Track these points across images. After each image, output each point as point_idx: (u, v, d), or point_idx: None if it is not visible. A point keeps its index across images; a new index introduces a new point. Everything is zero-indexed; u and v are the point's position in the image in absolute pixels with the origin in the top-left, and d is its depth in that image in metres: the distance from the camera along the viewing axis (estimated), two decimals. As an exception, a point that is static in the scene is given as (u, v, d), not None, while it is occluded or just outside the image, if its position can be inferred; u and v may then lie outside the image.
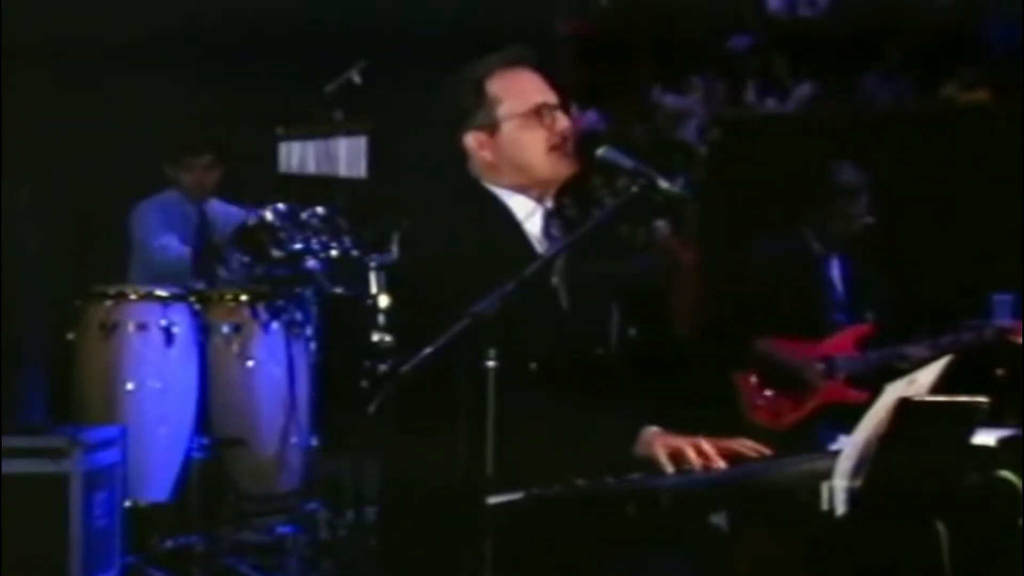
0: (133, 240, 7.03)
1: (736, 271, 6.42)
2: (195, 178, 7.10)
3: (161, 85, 7.59)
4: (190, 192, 7.11)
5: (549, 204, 3.54)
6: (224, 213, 7.05)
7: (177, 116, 7.51)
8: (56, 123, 7.34)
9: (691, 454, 3.16)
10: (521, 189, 3.51)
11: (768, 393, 6.02)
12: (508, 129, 3.48)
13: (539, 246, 3.48)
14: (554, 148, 3.48)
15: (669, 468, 3.16)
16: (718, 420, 3.53)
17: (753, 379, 6.03)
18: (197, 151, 7.10)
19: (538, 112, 3.49)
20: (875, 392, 2.96)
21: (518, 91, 3.50)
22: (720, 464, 3.16)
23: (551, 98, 3.52)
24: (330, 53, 7.07)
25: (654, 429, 3.31)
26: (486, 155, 3.50)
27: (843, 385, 5.95)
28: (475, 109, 3.49)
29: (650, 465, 3.20)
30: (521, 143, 3.48)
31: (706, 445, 3.18)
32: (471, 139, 3.50)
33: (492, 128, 3.48)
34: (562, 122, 3.50)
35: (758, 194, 7.22)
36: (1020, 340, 5.79)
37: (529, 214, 3.50)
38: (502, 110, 3.48)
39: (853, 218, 6.01)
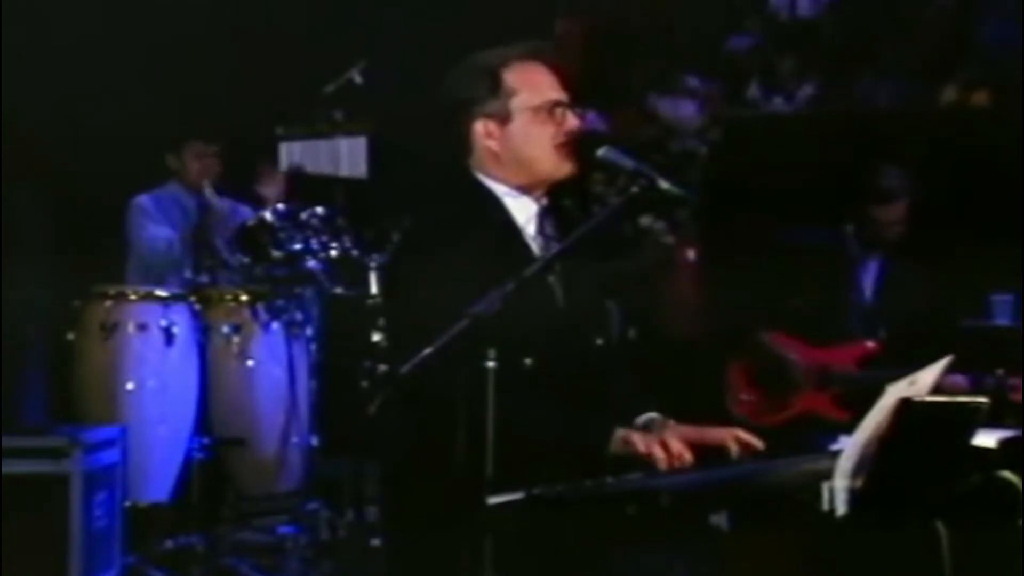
0: (127, 237, 6.99)
1: (735, 271, 6.40)
2: (203, 166, 6.99)
3: (163, 85, 7.58)
4: (194, 181, 6.97)
5: (544, 202, 3.54)
6: (220, 203, 7.00)
7: (177, 115, 7.50)
8: (56, 122, 7.33)
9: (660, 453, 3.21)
10: (519, 187, 3.50)
11: (753, 390, 5.99)
12: (519, 121, 3.47)
13: (533, 244, 3.48)
14: (561, 147, 3.47)
15: (661, 456, 3.20)
16: (713, 417, 3.52)
17: (742, 374, 6.00)
18: (210, 138, 7.03)
19: (551, 108, 3.48)
20: (859, 413, 2.95)
21: (534, 84, 3.49)
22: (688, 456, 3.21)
23: (564, 96, 3.51)
24: (330, 53, 7.07)
25: (627, 429, 3.34)
26: (492, 144, 3.49)
27: (829, 399, 5.87)
28: (488, 97, 3.48)
29: (635, 461, 3.23)
30: (530, 137, 3.47)
31: (675, 444, 3.22)
32: (479, 126, 3.49)
33: (503, 118, 3.47)
34: (572, 122, 3.50)
35: (758, 194, 7.21)
36: (1019, 398, 5.61)
37: (528, 216, 3.50)
38: (516, 101, 3.47)
39: (891, 224, 5.97)
